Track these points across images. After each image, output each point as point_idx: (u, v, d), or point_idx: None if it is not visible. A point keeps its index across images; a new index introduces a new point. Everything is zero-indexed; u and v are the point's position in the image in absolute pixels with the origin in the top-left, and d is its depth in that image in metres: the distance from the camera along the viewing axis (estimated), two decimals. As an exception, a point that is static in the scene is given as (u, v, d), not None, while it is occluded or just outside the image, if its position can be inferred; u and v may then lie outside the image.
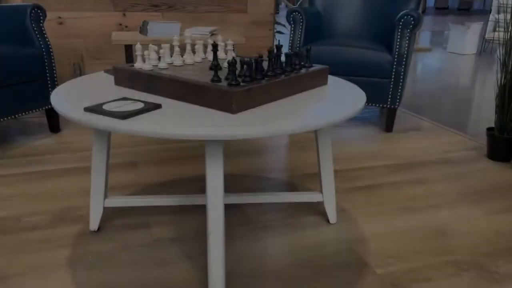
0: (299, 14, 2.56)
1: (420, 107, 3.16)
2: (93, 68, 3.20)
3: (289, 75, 1.19)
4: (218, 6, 3.38)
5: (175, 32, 2.46)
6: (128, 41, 2.26)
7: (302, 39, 2.56)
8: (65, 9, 3.01)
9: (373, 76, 2.44)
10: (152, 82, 1.17)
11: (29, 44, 2.17)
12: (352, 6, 2.89)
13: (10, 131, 2.38)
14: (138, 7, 3.18)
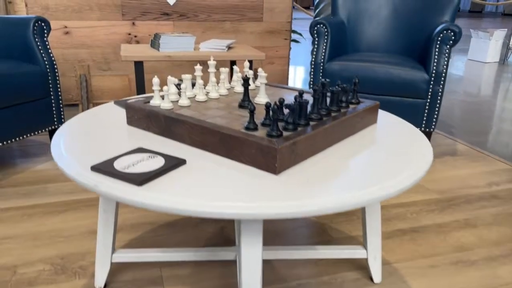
0: (324, 26, 2.35)
1: (451, 126, 2.94)
2: (99, 81, 3.02)
3: (336, 118, 0.99)
4: (232, 15, 3.18)
5: (189, 46, 2.26)
6: (139, 57, 2.06)
7: (326, 53, 2.35)
8: (71, 18, 2.83)
9: (406, 95, 2.23)
10: (172, 126, 0.97)
11: (32, 60, 1.98)
12: (378, 16, 2.68)
13: (10, 152, 2.19)
14: (148, 16, 2.99)
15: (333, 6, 2.71)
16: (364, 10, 2.69)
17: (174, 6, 3.03)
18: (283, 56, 3.43)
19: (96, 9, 2.86)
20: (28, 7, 2.72)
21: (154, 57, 2.10)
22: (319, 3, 3.40)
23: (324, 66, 2.34)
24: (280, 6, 3.27)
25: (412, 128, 1.12)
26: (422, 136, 1.06)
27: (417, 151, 0.95)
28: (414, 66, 2.23)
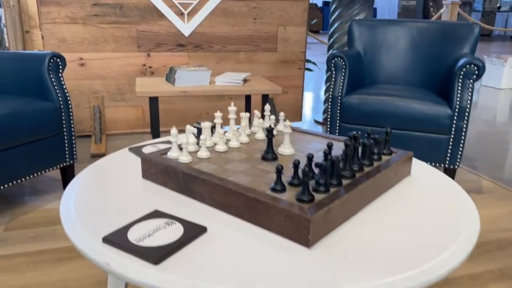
0: (342, 60, 2.30)
1: (472, 159, 2.83)
2: (113, 111, 2.99)
3: (370, 175, 0.91)
4: (246, 45, 3.16)
5: (204, 80, 2.22)
6: (154, 92, 2.02)
7: (344, 87, 2.29)
8: (87, 50, 2.82)
9: (428, 131, 2.15)
10: (191, 184, 0.90)
11: (46, 97, 1.95)
12: (396, 47, 2.62)
13: (20, 188, 2.14)
14: (163, 47, 2.98)
15: (349, 37, 2.67)
16: (381, 41, 2.64)
17: (189, 37, 3.02)
18: (297, 86, 3.38)
19: (112, 41, 2.86)
20: (44, 40, 2.72)
21: (169, 92, 2.06)
22: (334, 32, 3.37)
23: (342, 100, 2.27)
24: (295, 37, 3.24)
25: (449, 182, 1.04)
26: (462, 192, 0.98)
27: (460, 214, 0.86)
28: (436, 100, 2.16)
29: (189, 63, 3.08)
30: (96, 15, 2.78)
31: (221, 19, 3.05)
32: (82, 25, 2.77)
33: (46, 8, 2.67)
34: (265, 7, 3.11)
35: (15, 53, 2.07)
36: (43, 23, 2.69)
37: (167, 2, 2.90)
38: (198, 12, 2.99)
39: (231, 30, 3.09)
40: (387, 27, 2.62)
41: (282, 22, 3.18)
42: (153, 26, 2.92)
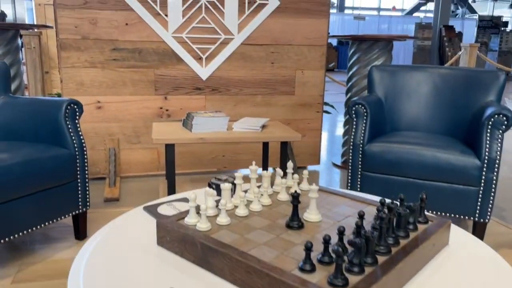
0: (363, 107, 2.24)
1: (502, 209, 2.69)
2: (128, 154, 2.96)
3: (407, 250, 0.82)
4: (263, 88, 3.14)
5: (222, 126, 2.18)
6: (171, 140, 1.98)
7: (366, 135, 2.22)
8: (105, 93, 2.83)
9: (455, 182, 2.04)
10: (210, 257, 0.82)
11: (61, 143, 1.92)
12: (418, 94, 2.56)
13: (31, 236, 2.08)
14: (180, 91, 2.98)
15: (369, 83, 2.62)
16: (402, 87, 2.58)
17: (206, 81, 3.01)
18: (315, 129, 3.33)
19: (130, 84, 2.87)
20: (63, 83, 2.75)
21: (186, 139, 2.01)
22: (352, 76, 3.34)
23: (363, 148, 2.19)
24: (312, 80, 3.22)
25: (490, 253, 0.94)
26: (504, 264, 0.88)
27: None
28: (463, 150, 2.06)
29: (206, 106, 3.06)
30: (115, 59, 2.81)
31: (239, 63, 3.05)
32: (101, 69, 2.80)
33: (66, 53, 2.71)
34: (283, 52, 3.11)
35: (32, 99, 2.08)
36: (62, 67, 2.72)
37: (186, 47, 2.93)
38: (216, 57, 3.00)
39: (248, 73, 3.09)
40: (408, 73, 2.58)
41: (300, 66, 3.17)
42: (171, 70, 2.93)
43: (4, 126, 2.01)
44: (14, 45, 2.68)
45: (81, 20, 2.69)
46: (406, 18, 17.21)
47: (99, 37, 2.75)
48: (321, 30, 3.16)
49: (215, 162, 3.15)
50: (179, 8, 2.86)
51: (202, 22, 2.93)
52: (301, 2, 3.07)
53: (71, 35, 2.70)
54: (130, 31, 2.80)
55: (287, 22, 3.08)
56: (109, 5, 2.72)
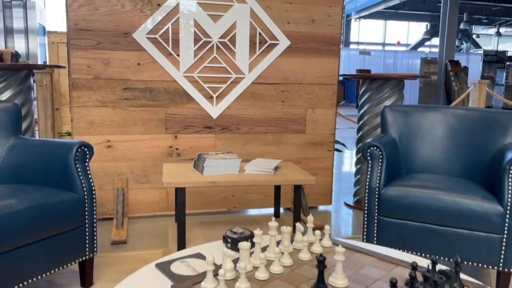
0: (378, 149, 2.19)
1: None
2: (137, 193, 2.90)
3: (449, 328, 0.74)
4: (274, 127, 3.11)
5: (234, 169, 2.13)
6: (182, 183, 1.93)
7: (382, 178, 2.15)
8: (115, 132, 2.81)
9: (476, 229, 1.96)
10: (232, 333, 0.75)
11: (70, 187, 1.88)
12: (433, 134, 2.51)
13: (35, 284, 2.00)
14: (190, 129, 2.95)
15: (382, 123, 2.58)
16: (417, 128, 2.54)
17: (217, 119, 3.00)
18: (327, 168, 3.27)
19: (140, 123, 2.85)
20: (73, 123, 2.73)
21: (198, 183, 1.96)
22: (363, 115, 3.31)
23: (380, 192, 2.13)
24: (323, 119, 3.19)
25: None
26: None
27: None
28: (484, 196, 1.99)
29: (216, 145, 3.03)
30: (126, 98, 2.81)
31: (250, 101, 3.04)
32: (112, 108, 2.79)
33: (77, 92, 2.71)
34: (293, 91, 3.10)
35: (42, 140, 2.05)
36: (73, 107, 2.72)
37: (197, 86, 2.93)
38: (227, 95, 2.99)
39: (259, 112, 3.07)
40: (423, 113, 2.54)
41: (311, 104, 3.15)
42: (182, 109, 2.92)
43: (13, 169, 1.97)
44: (27, 85, 2.69)
45: (93, 60, 2.71)
46: (411, 53, 17.44)
47: (111, 77, 2.76)
48: (331, 69, 3.16)
49: (225, 202, 3.08)
50: (191, 48, 2.88)
51: (214, 61, 2.94)
52: (311, 42, 3.09)
53: (83, 74, 2.71)
54: (142, 71, 2.81)
55: (297, 61, 3.08)
56: (122, 45, 2.75)
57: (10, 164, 1.98)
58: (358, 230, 2.90)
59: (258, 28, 2.98)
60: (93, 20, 2.67)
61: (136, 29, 2.75)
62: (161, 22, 2.80)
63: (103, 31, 2.70)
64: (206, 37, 2.89)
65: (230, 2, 2.89)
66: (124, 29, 2.73)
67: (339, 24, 3.14)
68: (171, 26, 2.82)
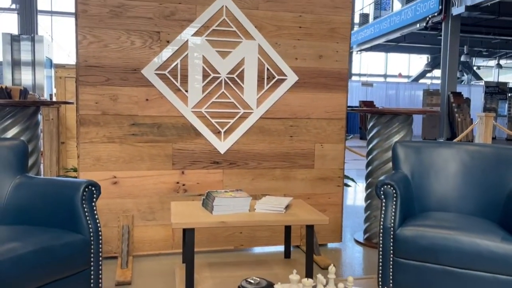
0: (392, 187, 2.13)
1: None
2: (142, 231, 2.83)
3: None
4: (282, 162, 3.06)
5: (244, 207, 2.07)
6: (192, 224, 1.87)
7: (397, 217, 2.09)
8: (121, 168, 2.77)
9: (497, 272, 1.88)
10: None
11: (76, 228, 1.82)
12: (446, 171, 2.46)
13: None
14: (198, 165, 2.91)
15: (394, 159, 2.54)
16: (429, 164, 2.49)
17: (224, 154, 2.96)
18: (336, 204, 3.20)
19: (147, 159, 2.81)
20: (80, 159, 2.70)
21: (207, 223, 1.90)
22: (372, 149, 3.27)
23: (395, 232, 2.06)
24: (332, 154, 3.15)
25: None
26: None
27: None
28: (504, 237, 1.92)
29: (224, 180, 2.98)
30: (133, 134, 2.78)
31: (258, 136, 3.01)
32: (119, 144, 2.76)
33: (85, 128, 2.70)
34: (302, 125, 3.08)
35: (49, 179, 2.01)
36: (80, 143, 2.69)
37: (205, 121, 2.91)
38: (235, 130, 2.97)
39: (267, 147, 3.03)
40: (435, 150, 2.50)
41: (319, 139, 3.12)
42: (190, 144, 2.89)
43: (18, 209, 1.92)
44: (34, 121, 2.68)
45: (102, 96, 2.71)
46: (413, 85, 17.60)
47: (119, 113, 2.75)
48: (339, 103, 3.15)
49: (232, 240, 3.00)
50: (199, 84, 2.88)
51: (222, 97, 2.93)
52: (319, 77, 3.09)
53: (91, 110, 2.70)
54: (150, 106, 2.80)
55: (305, 96, 3.07)
56: (130, 81, 2.75)
57: (15, 203, 1.93)
58: (371, 270, 2.80)
59: (266, 63, 2.98)
60: (103, 57, 2.69)
61: (145, 65, 2.76)
62: (170, 59, 2.81)
63: (112, 68, 2.71)
64: (215, 73, 2.90)
65: (238, 38, 2.92)
66: (133, 65, 2.74)
67: (347, 59, 3.15)
68: (180, 62, 2.83)
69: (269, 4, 2.94)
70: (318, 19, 3.03)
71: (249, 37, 2.94)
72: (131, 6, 2.71)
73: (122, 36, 2.71)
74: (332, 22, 3.06)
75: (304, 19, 3.01)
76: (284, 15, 2.98)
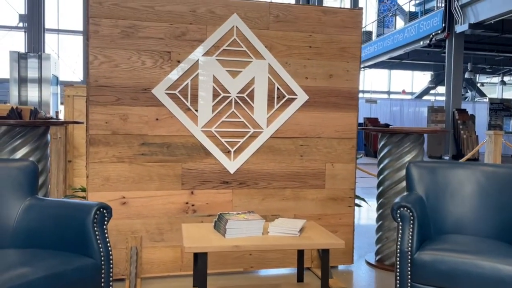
0: (409, 210, 2.09)
1: None
2: (151, 252, 2.78)
3: None
4: (293, 182, 3.02)
5: (257, 231, 2.03)
6: (205, 248, 1.82)
7: (414, 241, 2.04)
8: (130, 188, 2.74)
9: (522, 299, 1.81)
10: None
11: (86, 252, 1.78)
12: (461, 193, 2.41)
13: None
14: (207, 185, 2.88)
15: (408, 180, 2.50)
16: (444, 185, 2.44)
17: (234, 174, 2.92)
18: (347, 224, 3.14)
19: (157, 179, 2.78)
20: (89, 179, 2.67)
21: (220, 247, 1.86)
22: (383, 169, 3.23)
23: (412, 256, 2.00)
24: (343, 173, 3.11)
25: None
26: None
27: None
28: (527, 262, 1.86)
29: (233, 200, 2.94)
30: (143, 154, 2.76)
31: (268, 156, 2.98)
32: (128, 164, 2.74)
33: (95, 148, 2.67)
34: (312, 145, 3.05)
35: (59, 201, 1.99)
36: (89, 162, 2.67)
37: (214, 140, 2.88)
38: (245, 150, 2.94)
39: (277, 166, 3.00)
40: (450, 170, 2.46)
41: (329, 159, 3.08)
42: (199, 163, 2.86)
43: (28, 231, 1.88)
44: (44, 141, 2.66)
45: (112, 116, 2.69)
46: (417, 101, 17.62)
47: (129, 132, 2.73)
48: (350, 123, 3.12)
49: (241, 261, 2.94)
50: (209, 103, 2.86)
51: (232, 116, 2.91)
52: (329, 97, 3.07)
53: (101, 130, 2.68)
54: (160, 126, 2.78)
55: (316, 115, 3.05)
56: (140, 101, 2.74)
57: (25, 226, 1.89)
58: (384, 293, 2.73)
59: (276, 83, 2.97)
60: (114, 77, 2.68)
61: (155, 85, 2.76)
62: (180, 78, 2.80)
63: (123, 87, 2.70)
64: (225, 92, 2.89)
65: (248, 58, 2.91)
66: (143, 85, 2.74)
67: (357, 78, 3.14)
68: (190, 82, 2.82)
69: (279, 24, 2.95)
70: (328, 38, 3.03)
71: (259, 56, 2.93)
72: (143, 26, 2.72)
73: (133, 56, 2.71)
74: (342, 41, 3.05)
75: (314, 38, 3.01)
76: (294, 35, 2.98)
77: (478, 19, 11.34)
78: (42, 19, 15.00)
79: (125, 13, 2.69)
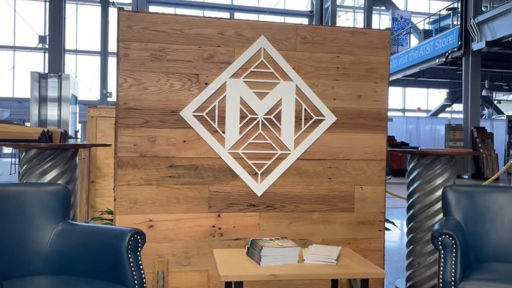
0: (451, 238, 2.00)
1: None
2: (177, 277, 2.72)
3: None
4: (321, 205, 2.95)
5: (293, 258, 1.96)
6: (242, 276, 1.76)
7: (457, 271, 1.95)
8: (157, 211, 2.70)
9: None
10: None
11: (120, 280, 1.74)
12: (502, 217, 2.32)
13: None
14: (234, 208, 2.83)
15: (444, 205, 2.41)
16: (484, 210, 2.35)
17: (261, 197, 2.87)
18: (377, 249, 3.04)
19: (184, 202, 2.74)
20: (116, 201, 2.64)
21: (257, 276, 1.80)
22: (413, 192, 3.14)
23: (456, 287, 1.91)
24: (373, 196, 3.03)
25: None
26: None
27: None
28: None
29: (260, 223, 2.87)
30: (170, 176, 2.73)
31: (295, 178, 2.92)
32: (156, 187, 2.71)
33: (123, 170, 2.65)
34: (341, 167, 2.99)
35: (92, 227, 1.96)
36: (117, 185, 2.65)
37: (241, 162, 2.84)
38: (272, 172, 2.89)
39: (305, 189, 2.94)
40: (489, 194, 2.37)
41: (358, 181, 3.01)
42: (226, 186, 2.82)
43: (61, 257, 1.85)
44: (73, 163, 2.65)
45: (140, 138, 2.68)
46: (433, 119, 17.42)
47: (157, 154, 2.71)
48: (379, 144, 3.05)
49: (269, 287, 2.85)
50: (236, 125, 2.83)
51: (259, 138, 2.87)
52: (358, 118, 3.02)
53: (129, 153, 2.66)
54: (188, 148, 2.75)
55: (344, 136, 3.00)
56: (168, 123, 2.72)
57: (57, 252, 1.86)
58: (420, 323, 2.61)
59: (304, 104, 2.94)
60: (142, 99, 2.68)
61: (183, 107, 2.74)
62: (208, 100, 2.79)
63: (151, 110, 2.70)
64: (252, 114, 2.86)
65: (276, 80, 2.89)
66: (171, 107, 2.73)
67: (386, 99, 3.09)
68: (217, 104, 2.80)
69: (307, 46, 2.93)
70: (356, 59, 3.00)
71: (286, 78, 2.91)
72: (172, 49, 2.72)
73: (162, 79, 2.71)
74: (371, 62, 3.02)
75: (342, 59, 2.98)
76: (322, 56, 2.95)
77: (495, 37, 11.25)
78: (62, 40, 15.35)
79: (155, 36, 2.70)
